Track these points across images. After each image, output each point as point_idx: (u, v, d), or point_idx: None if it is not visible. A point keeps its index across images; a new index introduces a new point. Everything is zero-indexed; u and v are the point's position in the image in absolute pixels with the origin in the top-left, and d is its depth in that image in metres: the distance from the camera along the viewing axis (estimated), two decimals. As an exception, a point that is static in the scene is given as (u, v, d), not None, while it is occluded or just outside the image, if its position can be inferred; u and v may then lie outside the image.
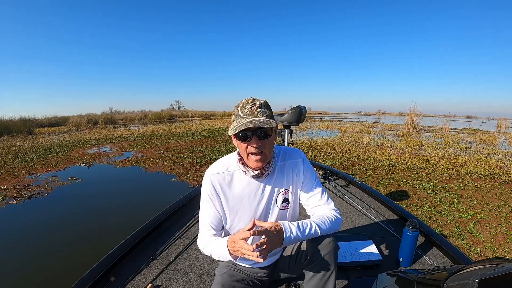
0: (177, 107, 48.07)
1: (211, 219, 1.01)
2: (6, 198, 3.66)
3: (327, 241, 0.92)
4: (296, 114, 2.40)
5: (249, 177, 0.98)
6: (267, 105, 0.92)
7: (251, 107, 0.87)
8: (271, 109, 0.94)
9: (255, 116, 0.86)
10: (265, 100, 0.93)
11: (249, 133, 0.87)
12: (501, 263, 0.69)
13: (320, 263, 0.92)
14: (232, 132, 0.87)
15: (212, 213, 1.01)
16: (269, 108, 0.92)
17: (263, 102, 0.91)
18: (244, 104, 0.89)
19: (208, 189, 1.00)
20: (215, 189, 0.99)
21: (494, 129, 14.83)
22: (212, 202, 1.00)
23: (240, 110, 0.89)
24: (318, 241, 0.93)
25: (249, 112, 0.87)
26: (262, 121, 0.85)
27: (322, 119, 27.48)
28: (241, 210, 1.01)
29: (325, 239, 0.93)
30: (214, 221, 1.02)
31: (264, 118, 0.86)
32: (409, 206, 3.16)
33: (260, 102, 0.90)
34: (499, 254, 2.20)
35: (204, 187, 1.01)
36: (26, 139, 10.57)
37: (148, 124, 19.88)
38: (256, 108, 0.87)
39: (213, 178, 0.99)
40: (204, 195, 1.01)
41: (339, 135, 10.39)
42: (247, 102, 0.89)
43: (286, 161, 1.04)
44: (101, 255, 1.35)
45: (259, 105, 0.88)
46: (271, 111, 0.92)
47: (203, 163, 5.56)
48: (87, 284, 1.16)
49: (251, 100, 0.90)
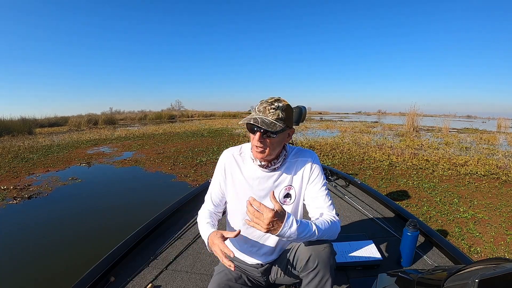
0: (177, 107, 48.06)
1: (215, 195, 1.11)
2: (6, 198, 3.66)
3: (322, 247, 0.91)
4: (296, 114, 2.39)
5: (256, 165, 1.02)
6: (284, 109, 0.92)
7: (266, 106, 0.91)
8: (289, 112, 0.94)
9: (265, 115, 0.90)
10: (286, 103, 0.94)
11: (256, 128, 0.91)
12: (501, 263, 0.69)
13: (315, 270, 0.91)
14: (242, 121, 0.93)
15: (217, 189, 1.10)
16: (286, 111, 0.92)
17: (282, 105, 0.91)
18: (264, 101, 0.93)
19: (221, 165, 1.09)
20: (226, 167, 1.07)
21: (494, 129, 14.83)
22: (221, 178, 1.08)
23: (258, 105, 0.93)
24: (314, 246, 0.92)
25: (262, 110, 0.91)
26: (266, 122, 0.88)
27: (322, 119, 27.50)
28: (243, 194, 1.05)
29: (321, 244, 0.92)
30: (216, 197, 1.11)
31: (273, 119, 0.89)
32: (409, 206, 3.16)
33: (278, 104, 0.91)
34: (499, 254, 2.20)
35: (218, 163, 1.10)
36: (26, 139, 10.56)
37: (148, 124, 19.87)
38: (270, 108, 0.90)
39: (229, 156, 1.08)
40: (217, 169, 1.11)
41: (339, 135, 10.39)
42: (267, 100, 0.93)
43: (297, 158, 1.07)
44: (101, 255, 1.35)
45: (275, 107, 0.90)
46: (287, 115, 0.92)
47: (203, 163, 5.56)
48: (87, 284, 1.16)
49: (271, 99, 0.93)
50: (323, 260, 0.90)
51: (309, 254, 0.91)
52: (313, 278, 0.92)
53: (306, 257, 0.92)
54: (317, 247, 0.91)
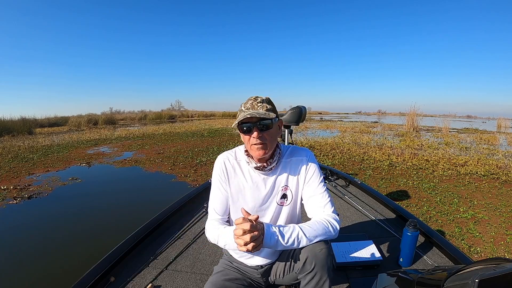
0: (177, 107, 48.13)
1: (219, 203, 1.06)
2: (6, 198, 3.66)
3: (318, 249, 0.90)
4: (296, 114, 2.39)
5: (252, 168, 1.02)
6: (269, 101, 0.97)
7: (252, 102, 0.94)
8: (273, 104, 0.98)
9: (255, 109, 0.93)
10: (267, 97, 0.98)
11: (251, 126, 0.93)
12: (501, 263, 0.69)
13: (312, 272, 0.91)
14: (234, 124, 0.94)
15: (220, 196, 1.06)
16: (270, 103, 0.97)
17: (265, 98, 0.97)
18: (247, 100, 0.97)
19: (218, 171, 1.06)
20: (224, 172, 1.05)
21: (494, 129, 14.83)
22: (221, 185, 1.06)
23: (243, 106, 0.96)
24: (311, 248, 0.91)
25: (250, 107, 0.94)
26: (261, 113, 0.91)
27: (322, 119, 27.49)
28: (242, 199, 1.05)
29: (317, 247, 0.91)
30: (221, 205, 1.06)
31: (264, 111, 0.92)
32: (409, 206, 3.16)
33: (262, 98, 0.96)
34: (499, 254, 2.20)
35: (214, 170, 1.08)
36: (26, 139, 10.56)
37: (148, 124, 19.87)
38: (257, 103, 0.94)
39: (224, 162, 1.06)
40: (214, 178, 1.07)
41: (339, 135, 10.38)
42: (250, 98, 0.97)
43: (292, 158, 1.06)
44: (101, 255, 1.35)
45: (261, 100, 0.95)
46: (273, 106, 0.97)
47: (203, 163, 5.56)
48: (87, 284, 1.16)
49: (254, 97, 0.97)
50: (320, 261, 0.89)
51: (306, 256, 0.91)
52: (310, 279, 0.92)
53: (303, 259, 0.91)
54: (314, 249, 0.90)
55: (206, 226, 1.06)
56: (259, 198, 1.04)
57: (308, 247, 0.92)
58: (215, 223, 1.04)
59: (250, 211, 1.01)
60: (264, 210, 1.05)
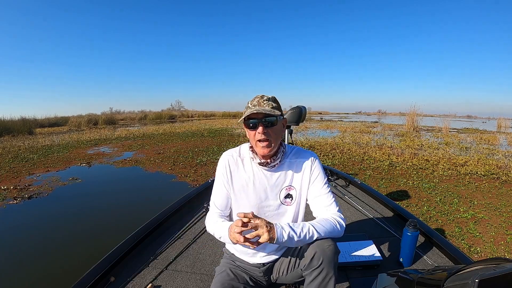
0: (177, 107, 48.12)
1: (219, 199, 1.09)
2: (6, 198, 3.66)
3: (327, 245, 0.91)
4: (296, 114, 2.39)
5: (256, 164, 1.05)
6: (274, 100, 1.01)
7: (258, 100, 0.98)
8: (278, 103, 1.02)
9: (261, 107, 0.96)
10: (273, 95, 1.02)
11: (257, 122, 0.97)
12: (501, 263, 0.69)
13: (319, 268, 0.91)
14: (241, 120, 0.99)
15: (221, 192, 1.09)
16: (276, 101, 1.01)
17: (271, 97, 1.01)
18: (254, 98, 1.01)
19: (221, 168, 1.09)
20: (227, 169, 1.08)
21: (494, 129, 14.83)
22: (223, 181, 1.08)
23: (250, 103, 1.00)
24: (319, 244, 0.92)
25: (256, 104, 0.98)
26: (267, 110, 0.95)
27: (322, 119, 27.50)
28: (245, 196, 1.06)
29: (325, 243, 0.92)
30: (221, 201, 1.09)
31: (270, 108, 0.96)
32: (409, 206, 3.16)
33: (268, 97, 1.00)
34: (499, 254, 2.20)
35: (218, 167, 1.11)
36: (26, 139, 10.57)
37: (148, 124, 19.88)
38: (263, 101, 0.98)
39: (228, 158, 1.09)
40: (218, 174, 1.10)
41: (339, 135, 10.39)
42: (257, 96, 1.00)
43: (297, 159, 1.08)
44: (101, 255, 1.35)
45: (267, 98, 0.99)
46: (278, 105, 1.01)
47: (203, 163, 5.56)
48: (87, 284, 1.16)
49: (260, 95, 1.01)
50: (327, 257, 0.90)
51: (313, 252, 0.92)
52: (316, 276, 0.92)
53: (311, 255, 0.92)
54: (322, 245, 0.92)
55: (206, 217, 1.11)
56: (262, 193, 1.06)
57: (315, 243, 0.93)
58: (214, 215, 1.08)
59: (253, 206, 1.05)
60: (266, 206, 1.07)
